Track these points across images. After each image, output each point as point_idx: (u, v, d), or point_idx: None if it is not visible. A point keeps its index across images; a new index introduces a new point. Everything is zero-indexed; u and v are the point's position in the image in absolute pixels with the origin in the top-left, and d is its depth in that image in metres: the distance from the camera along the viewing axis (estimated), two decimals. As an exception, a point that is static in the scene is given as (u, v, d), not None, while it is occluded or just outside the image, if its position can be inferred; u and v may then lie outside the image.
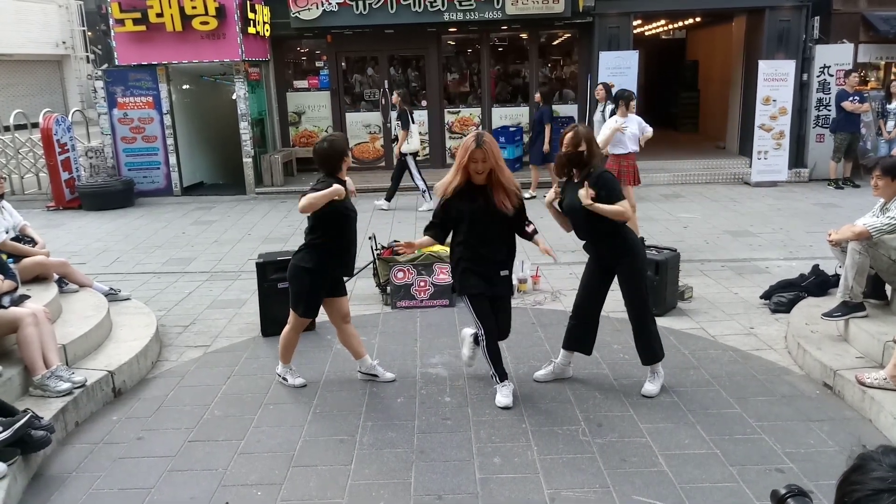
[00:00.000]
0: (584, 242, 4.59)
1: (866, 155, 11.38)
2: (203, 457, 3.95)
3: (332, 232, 4.43)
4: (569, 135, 4.34)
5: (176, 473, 3.79)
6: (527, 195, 10.74)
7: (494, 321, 4.36)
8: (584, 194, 4.19)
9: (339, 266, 4.56)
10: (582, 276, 4.66)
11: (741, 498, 3.42)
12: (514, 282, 6.48)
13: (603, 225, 4.30)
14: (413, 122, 10.58)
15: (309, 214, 4.36)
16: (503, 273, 4.37)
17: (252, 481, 3.69)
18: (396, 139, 10.85)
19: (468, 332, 4.76)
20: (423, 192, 10.70)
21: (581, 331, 4.63)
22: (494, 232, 4.28)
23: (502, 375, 4.44)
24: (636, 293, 4.41)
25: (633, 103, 7.38)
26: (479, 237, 4.25)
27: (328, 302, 4.69)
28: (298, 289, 4.53)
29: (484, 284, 4.29)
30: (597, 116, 10.75)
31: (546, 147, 11.08)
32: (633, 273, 4.39)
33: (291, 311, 4.62)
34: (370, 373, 4.84)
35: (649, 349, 4.49)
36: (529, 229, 4.41)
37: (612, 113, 10.42)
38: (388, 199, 10.78)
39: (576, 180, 4.38)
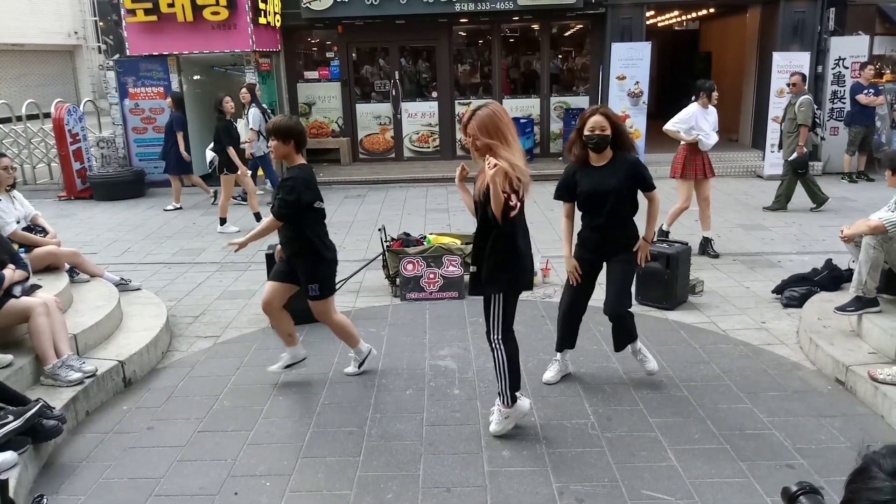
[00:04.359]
0: (584, 229, 4.37)
1: (881, 148, 11.27)
2: (212, 447, 3.96)
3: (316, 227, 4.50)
4: (595, 118, 4.07)
5: (185, 463, 3.81)
6: (170, 207, 10.55)
7: None
8: (642, 258, 4.31)
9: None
10: (567, 282, 4.45)
11: (751, 493, 3.40)
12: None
13: (625, 211, 4.27)
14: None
15: (288, 223, 4.41)
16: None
17: (261, 472, 3.71)
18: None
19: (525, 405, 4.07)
20: None
21: (572, 331, 4.57)
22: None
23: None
24: (626, 284, 4.36)
25: (715, 94, 7.24)
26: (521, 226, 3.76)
27: (283, 286, 4.58)
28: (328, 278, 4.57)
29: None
30: (241, 122, 10.13)
31: (186, 156, 10.86)
32: (629, 263, 4.33)
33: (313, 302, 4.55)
34: (291, 363, 4.75)
35: (628, 336, 4.45)
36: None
37: (262, 115, 9.89)
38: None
39: (596, 165, 4.21)
